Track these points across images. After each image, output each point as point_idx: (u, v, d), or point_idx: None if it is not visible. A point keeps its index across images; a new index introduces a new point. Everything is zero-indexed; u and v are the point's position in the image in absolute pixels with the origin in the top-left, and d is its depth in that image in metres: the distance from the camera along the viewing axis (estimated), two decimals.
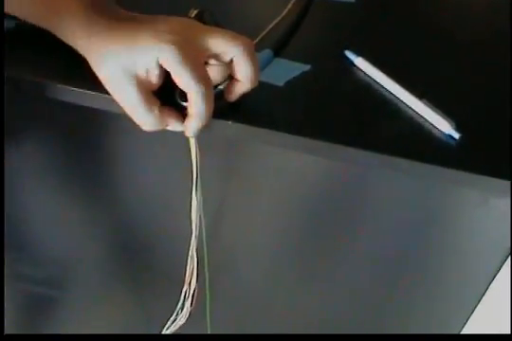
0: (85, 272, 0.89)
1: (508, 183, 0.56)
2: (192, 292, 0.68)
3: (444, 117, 0.58)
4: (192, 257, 0.65)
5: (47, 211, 0.82)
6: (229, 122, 0.57)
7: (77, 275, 0.90)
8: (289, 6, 0.70)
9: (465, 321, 0.74)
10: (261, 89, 0.60)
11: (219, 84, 0.57)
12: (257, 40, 0.65)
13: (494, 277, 0.67)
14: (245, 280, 0.81)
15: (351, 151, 0.57)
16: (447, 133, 0.58)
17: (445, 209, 0.66)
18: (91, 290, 0.92)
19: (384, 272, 0.75)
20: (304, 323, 0.85)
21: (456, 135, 0.57)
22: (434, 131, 0.59)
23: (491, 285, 0.69)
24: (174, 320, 0.73)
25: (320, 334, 0.83)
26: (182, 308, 0.71)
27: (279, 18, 0.68)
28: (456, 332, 0.75)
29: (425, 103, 0.60)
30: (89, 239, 0.82)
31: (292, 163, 0.66)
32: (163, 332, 0.76)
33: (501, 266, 0.66)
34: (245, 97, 0.56)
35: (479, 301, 0.70)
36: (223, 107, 0.57)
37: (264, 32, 0.66)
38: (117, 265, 0.86)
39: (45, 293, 0.93)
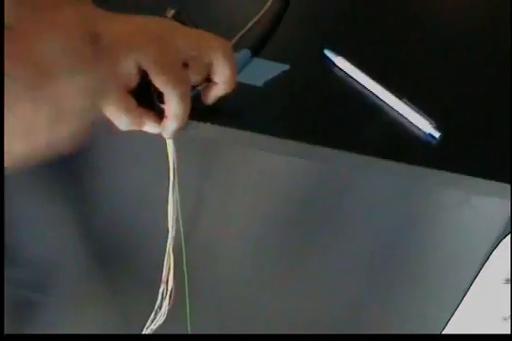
0: (65, 274, 0.88)
1: (489, 182, 0.56)
2: (169, 290, 0.68)
3: (424, 117, 0.58)
4: (168, 255, 0.65)
5: (26, 214, 0.81)
6: (208, 124, 0.57)
7: (57, 277, 0.90)
8: (267, 4, 0.69)
9: (446, 321, 0.74)
10: (239, 90, 0.59)
11: (197, 86, 0.56)
12: (235, 40, 0.64)
13: (476, 276, 0.67)
14: (226, 279, 0.81)
15: (331, 152, 0.57)
16: (427, 132, 0.58)
17: (426, 208, 0.66)
18: (72, 292, 0.91)
19: (367, 271, 0.75)
20: (286, 322, 0.85)
21: (436, 135, 0.57)
22: (415, 130, 0.58)
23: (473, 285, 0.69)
24: (154, 320, 0.73)
25: (302, 334, 0.82)
26: (160, 307, 0.71)
27: (257, 17, 0.67)
28: (437, 332, 0.75)
29: (405, 102, 0.59)
30: (68, 241, 0.82)
31: (272, 163, 0.65)
32: (143, 332, 0.76)
33: (482, 265, 0.66)
34: (222, 99, 0.56)
35: (461, 301, 0.70)
36: (201, 109, 0.56)
37: (242, 32, 0.65)
38: (97, 267, 0.85)
39: (27, 296, 0.93)
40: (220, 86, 0.54)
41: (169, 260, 0.66)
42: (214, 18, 0.68)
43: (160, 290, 0.68)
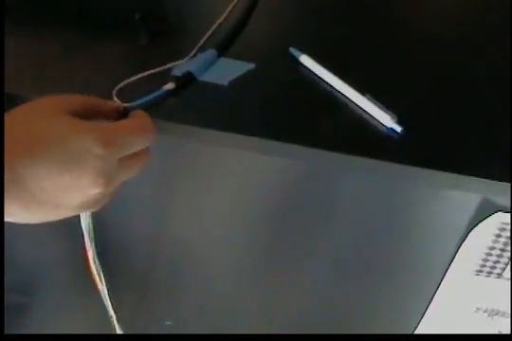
0: (53, 276, 0.89)
1: (453, 175, 0.57)
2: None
3: (386, 112, 0.59)
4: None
5: None
6: (175, 123, 0.57)
7: (45, 280, 0.90)
8: (233, 4, 0.70)
9: (422, 313, 0.74)
10: (205, 89, 0.60)
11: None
12: (202, 41, 0.65)
13: (448, 267, 0.68)
14: (208, 282, 0.81)
15: (297, 148, 0.57)
16: (389, 126, 0.59)
17: (392, 202, 0.67)
18: (59, 294, 0.92)
19: (344, 271, 0.76)
20: (270, 318, 0.85)
21: (398, 129, 0.58)
22: (377, 125, 0.59)
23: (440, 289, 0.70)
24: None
25: (294, 334, 0.83)
26: None
27: (223, 17, 0.68)
28: (414, 324, 0.76)
29: (368, 98, 0.60)
30: (52, 242, 0.82)
31: (240, 161, 0.66)
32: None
33: (454, 257, 0.67)
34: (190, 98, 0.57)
35: (435, 292, 0.71)
36: (168, 108, 0.57)
37: (209, 32, 0.66)
38: (84, 269, 0.86)
39: (14, 299, 0.93)
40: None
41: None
42: (181, 19, 0.69)
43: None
